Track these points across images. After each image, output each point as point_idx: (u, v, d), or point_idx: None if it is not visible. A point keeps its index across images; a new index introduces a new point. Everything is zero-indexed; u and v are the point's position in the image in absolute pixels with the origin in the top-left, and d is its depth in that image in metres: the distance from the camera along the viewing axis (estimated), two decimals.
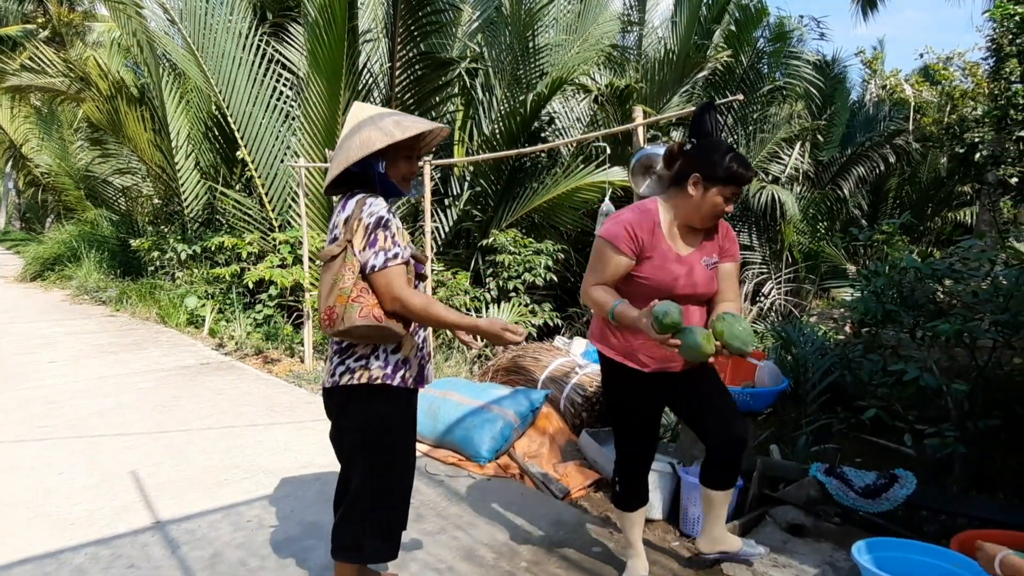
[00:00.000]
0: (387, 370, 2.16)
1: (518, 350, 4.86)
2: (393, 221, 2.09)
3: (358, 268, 2.07)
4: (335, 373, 2.19)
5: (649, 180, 3.42)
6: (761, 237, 10.61)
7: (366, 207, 2.08)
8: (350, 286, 2.04)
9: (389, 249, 2.05)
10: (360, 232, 2.06)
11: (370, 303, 2.05)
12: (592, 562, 2.93)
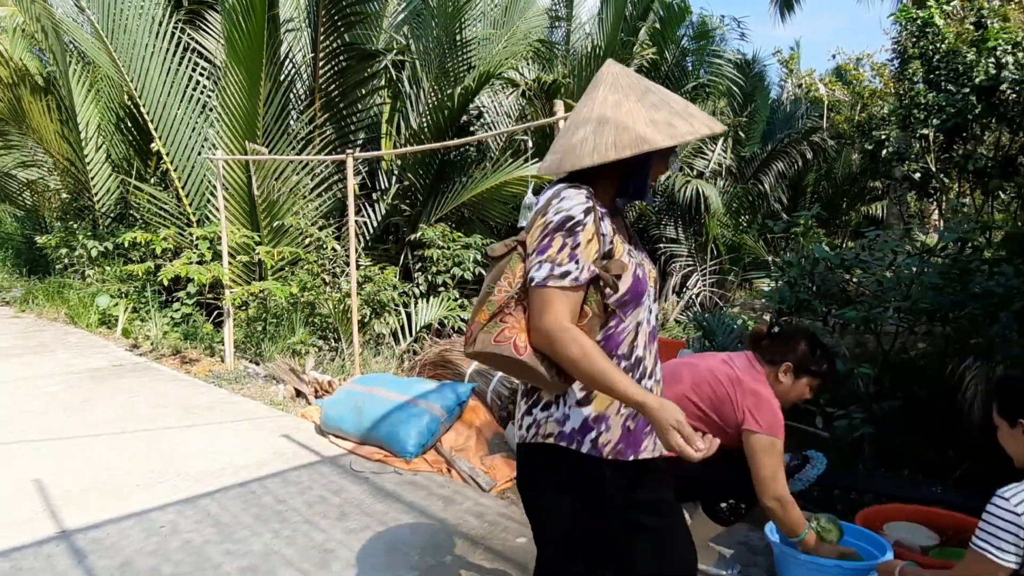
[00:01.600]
0: (565, 427, 1.58)
1: (445, 344, 4.83)
2: (586, 228, 1.50)
3: (522, 277, 1.54)
4: (522, 423, 1.67)
5: None
6: (687, 230, 10.89)
7: (557, 200, 1.53)
8: (502, 299, 1.52)
9: (560, 263, 1.48)
10: (537, 231, 1.53)
11: (517, 327, 1.51)
12: (517, 553, 2.94)
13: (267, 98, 7.15)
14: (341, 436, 4.15)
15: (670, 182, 10.21)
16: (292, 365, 5.50)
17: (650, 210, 10.37)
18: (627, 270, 1.55)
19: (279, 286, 6.06)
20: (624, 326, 1.60)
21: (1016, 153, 6.81)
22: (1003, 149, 6.99)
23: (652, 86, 1.59)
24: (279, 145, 7.25)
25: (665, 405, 1.42)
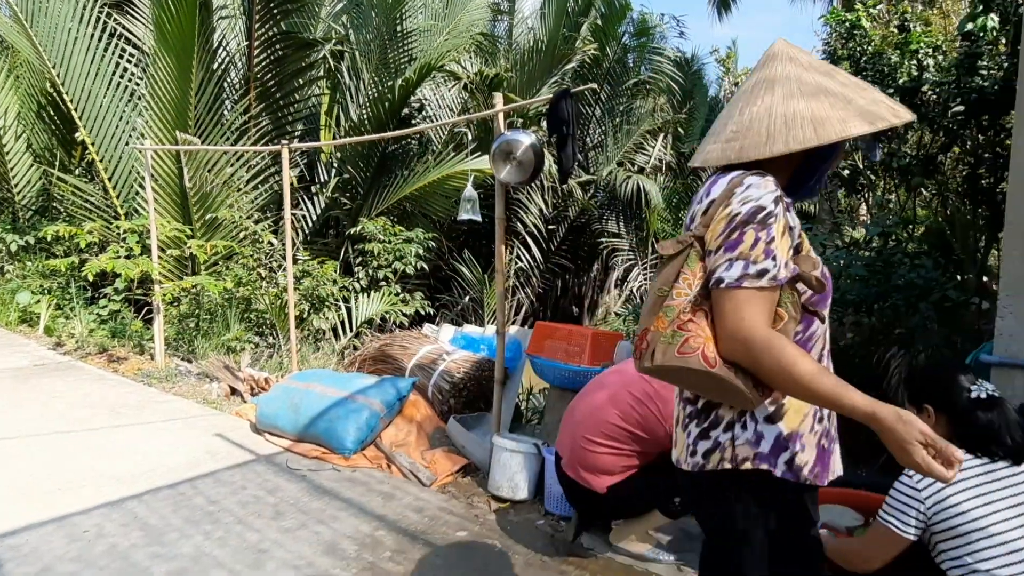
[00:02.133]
0: (760, 448, 1.37)
1: (385, 339, 4.76)
2: (779, 220, 1.31)
3: (702, 278, 1.34)
4: (695, 449, 1.42)
5: (509, 166, 3.43)
6: (628, 225, 11.04)
7: (742, 189, 1.32)
8: (683, 304, 1.32)
9: (755, 260, 1.29)
10: (721, 224, 1.32)
11: (703, 335, 1.30)
12: (457, 546, 2.92)
13: (199, 87, 6.91)
14: (277, 434, 4.05)
15: (612, 177, 10.33)
16: (227, 362, 5.34)
17: (592, 204, 10.48)
18: (819, 266, 1.37)
19: (212, 281, 5.87)
20: (815, 330, 1.42)
21: (937, 152, 7.14)
22: (925, 148, 7.31)
23: (832, 67, 1.41)
24: (212, 135, 7.02)
25: (903, 416, 1.20)
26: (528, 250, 9.54)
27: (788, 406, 1.38)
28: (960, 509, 1.81)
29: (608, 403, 2.68)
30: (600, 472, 2.68)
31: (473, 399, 4.21)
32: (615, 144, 10.98)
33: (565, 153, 3.28)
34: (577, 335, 3.58)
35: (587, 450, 2.71)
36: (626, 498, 2.68)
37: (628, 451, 2.64)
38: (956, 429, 1.93)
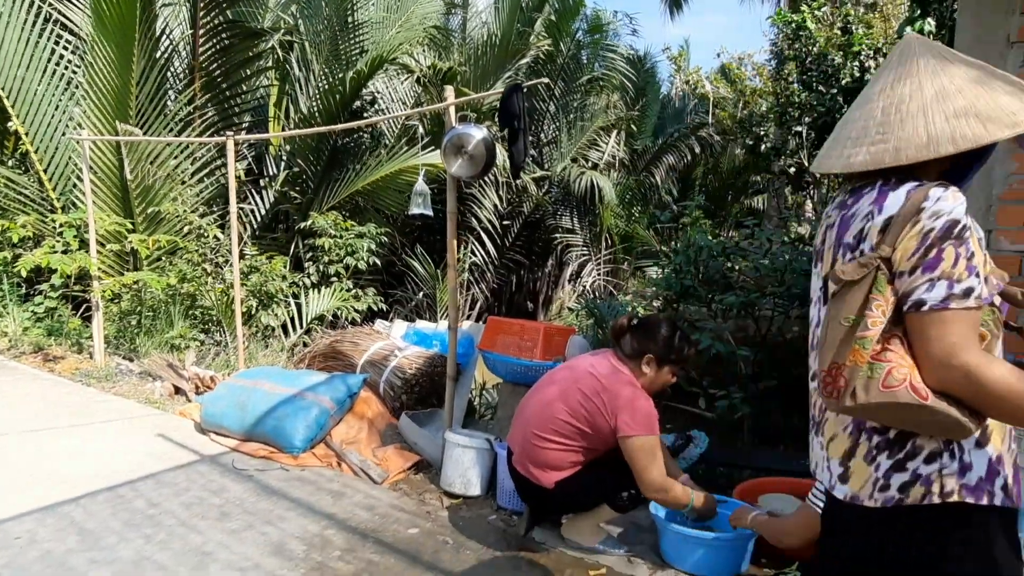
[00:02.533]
0: (970, 479, 1.23)
1: (336, 335, 4.69)
2: (973, 233, 1.22)
3: (893, 304, 1.22)
4: (888, 483, 1.26)
5: (461, 160, 3.41)
6: (582, 221, 11.11)
7: (931, 203, 1.20)
8: (876, 335, 1.20)
9: (959, 278, 1.17)
10: (913, 242, 1.20)
11: (905, 364, 1.19)
12: (408, 543, 2.89)
13: (141, 76, 6.67)
14: (223, 434, 3.95)
15: (566, 173, 10.38)
16: (171, 361, 5.18)
17: (546, 200, 10.51)
18: (1006, 277, 1.29)
19: (155, 277, 5.69)
20: (999, 345, 1.32)
21: None
22: None
23: (970, 58, 1.31)
24: (155, 126, 6.79)
25: None
26: (483, 246, 9.52)
27: (992, 427, 1.26)
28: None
29: (558, 399, 2.68)
30: (548, 468, 2.69)
31: (425, 395, 4.18)
32: (569, 140, 11.03)
33: (517, 147, 3.27)
34: (529, 330, 3.58)
35: (536, 446, 2.71)
36: (574, 493, 2.70)
37: (576, 447, 2.65)
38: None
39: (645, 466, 2.50)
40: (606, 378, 2.62)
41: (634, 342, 2.69)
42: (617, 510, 2.72)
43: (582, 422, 2.61)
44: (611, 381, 2.61)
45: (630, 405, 2.52)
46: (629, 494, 2.65)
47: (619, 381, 2.60)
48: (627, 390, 2.57)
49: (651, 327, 2.71)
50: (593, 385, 2.62)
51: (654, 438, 2.53)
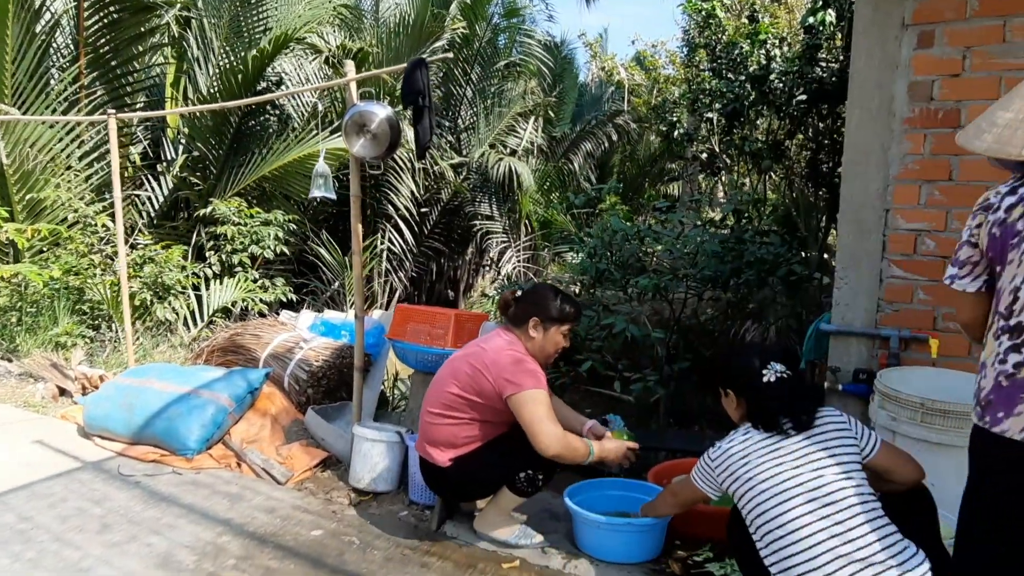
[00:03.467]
0: None
1: (237, 327, 4.42)
2: None
3: None
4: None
5: (363, 140, 3.23)
6: (501, 207, 11.02)
7: None
8: None
9: None
10: None
11: None
12: (311, 546, 2.73)
13: (18, 51, 6.12)
14: (109, 437, 3.64)
15: (484, 159, 10.25)
16: (55, 360, 4.76)
17: (465, 187, 10.35)
18: None
19: (36, 270, 5.22)
20: None
21: (784, 138, 7.59)
22: (773, 134, 7.75)
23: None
24: (35, 106, 6.24)
25: None
26: (400, 234, 9.28)
27: None
28: (746, 478, 1.98)
29: (449, 376, 2.65)
30: (442, 445, 2.62)
31: (334, 388, 3.99)
32: (487, 126, 10.90)
33: (422, 126, 3.12)
34: (440, 317, 3.45)
35: (429, 424, 2.66)
36: (471, 472, 2.62)
37: (467, 419, 2.60)
38: (751, 409, 2.09)
39: (536, 420, 2.43)
40: (491, 350, 2.61)
41: (519, 310, 2.69)
42: (518, 494, 2.64)
43: (469, 392, 2.57)
44: (495, 348, 2.61)
45: (513, 365, 2.52)
46: (527, 475, 2.58)
47: (503, 347, 2.60)
48: (510, 354, 2.57)
49: (533, 293, 2.74)
50: (478, 354, 2.61)
51: (541, 391, 2.49)
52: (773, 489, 1.91)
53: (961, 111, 2.85)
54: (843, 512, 1.85)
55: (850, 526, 1.84)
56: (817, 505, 1.87)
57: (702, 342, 5.49)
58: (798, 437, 1.98)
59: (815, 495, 1.88)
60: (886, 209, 3.02)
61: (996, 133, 1.55)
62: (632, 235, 4.54)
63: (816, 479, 1.90)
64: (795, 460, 1.94)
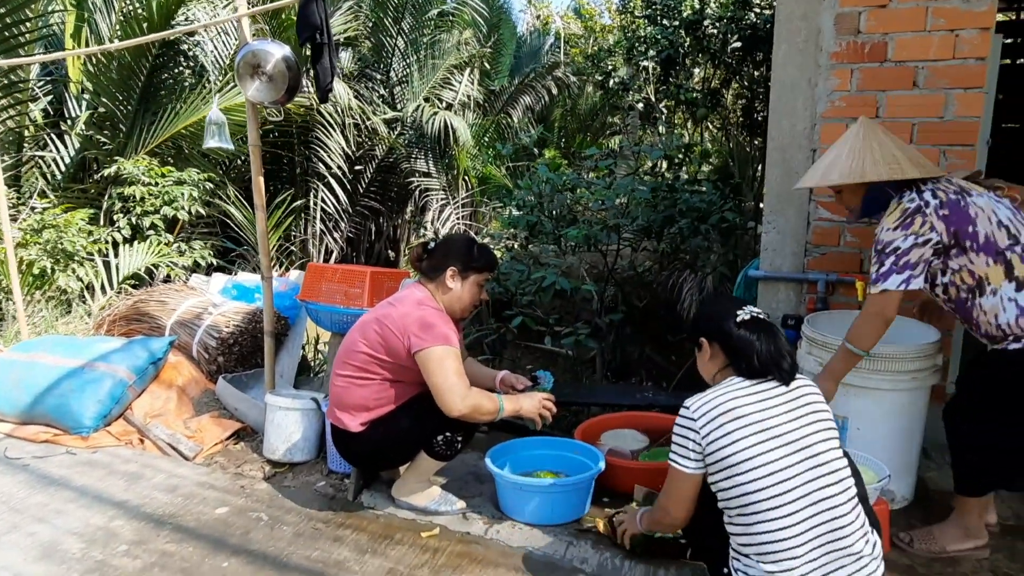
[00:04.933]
0: None
1: (140, 294, 4.10)
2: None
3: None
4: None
5: (258, 82, 2.94)
6: (439, 164, 10.70)
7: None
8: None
9: None
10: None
11: None
12: (214, 526, 2.53)
13: None
14: None
15: (418, 114, 9.89)
16: None
17: (399, 143, 9.99)
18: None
19: None
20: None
21: (719, 86, 7.48)
22: (708, 82, 7.63)
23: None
24: None
25: None
26: (333, 193, 8.91)
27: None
28: (730, 428, 1.73)
29: (358, 336, 2.47)
30: (354, 409, 2.46)
31: (247, 355, 3.75)
32: (421, 79, 10.49)
33: (322, 65, 2.85)
34: (356, 275, 3.23)
35: (340, 387, 2.48)
36: (385, 437, 2.45)
37: (376, 378, 2.43)
38: (726, 351, 1.88)
39: (442, 378, 2.28)
40: (401, 302, 2.45)
41: (435, 261, 2.52)
42: (437, 458, 2.49)
43: (378, 349, 2.41)
44: (405, 305, 2.44)
45: (422, 320, 2.36)
46: (445, 438, 2.43)
47: (413, 304, 2.44)
48: (419, 309, 2.41)
49: (448, 243, 2.58)
50: (388, 312, 2.44)
51: (449, 348, 2.33)
52: (759, 448, 1.70)
53: (888, 44, 2.74)
54: (834, 486, 1.71)
55: (837, 502, 1.70)
56: (807, 465, 1.70)
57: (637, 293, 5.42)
58: (784, 390, 1.79)
59: (810, 464, 1.71)
60: (813, 149, 2.92)
61: (840, 167, 2.15)
62: (562, 185, 4.38)
63: (809, 445, 1.73)
64: (783, 421, 1.74)
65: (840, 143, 2.28)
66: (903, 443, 2.47)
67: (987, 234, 2.03)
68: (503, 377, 2.73)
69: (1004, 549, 2.32)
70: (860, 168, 2.15)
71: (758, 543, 1.69)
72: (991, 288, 2.04)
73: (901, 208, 2.08)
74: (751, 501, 1.69)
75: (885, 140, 2.20)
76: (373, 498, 2.72)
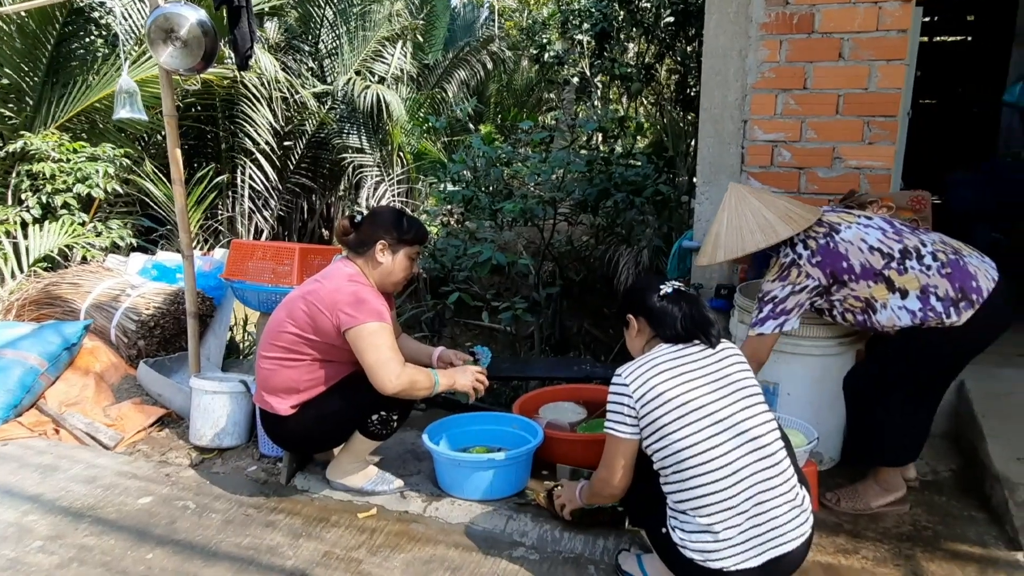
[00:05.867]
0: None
1: (52, 277, 3.86)
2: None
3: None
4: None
5: (171, 48, 2.77)
6: (372, 139, 10.45)
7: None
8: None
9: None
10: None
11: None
12: (137, 517, 2.41)
13: None
14: None
15: (350, 87, 9.60)
16: None
17: (331, 118, 9.68)
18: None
19: None
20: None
21: (653, 61, 7.52)
22: (642, 56, 7.66)
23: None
24: None
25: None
26: (261, 169, 8.59)
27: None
28: (661, 389, 1.76)
29: (285, 316, 2.37)
30: (283, 392, 2.36)
31: (171, 338, 3.57)
32: (352, 51, 10.18)
33: (240, 31, 2.70)
34: (284, 252, 3.11)
35: (266, 370, 2.38)
36: (317, 420, 2.38)
37: (305, 359, 2.35)
38: (651, 323, 1.92)
39: (374, 355, 2.20)
40: (329, 279, 2.36)
41: (363, 235, 2.42)
42: (372, 438, 2.44)
43: (306, 329, 2.31)
44: (332, 279, 2.35)
45: (353, 297, 2.27)
46: (380, 416, 2.37)
47: (340, 277, 2.35)
48: (350, 285, 2.32)
49: (377, 215, 2.48)
50: (315, 290, 2.34)
51: (382, 324, 2.25)
52: (690, 405, 1.74)
53: (815, 15, 2.78)
54: (764, 437, 1.75)
55: (768, 451, 1.74)
56: (738, 418, 1.75)
57: (574, 268, 5.44)
58: (710, 352, 1.84)
59: (740, 417, 1.75)
60: (744, 120, 2.95)
61: (723, 244, 2.31)
62: (497, 159, 4.32)
63: (737, 400, 1.78)
64: (710, 379, 1.79)
65: (720, 215, 2.37)
66: (831, 406, 2.55)
67: (862, 263, 2.17)
68: (440, 354, 2.68)
69: (923, 504, 2.43)
70: (739, 243, 2.29)
71: (694, 497, 1.71)
72: (880, 303, 2.18)
73: (779, 264, 2.27)
74: (685, 456, 1.72)
75: (756, 205, 2.31)
76: (307, 481, 2.64)
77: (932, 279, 2.12)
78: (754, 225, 2.27)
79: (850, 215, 2.31)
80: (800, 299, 2.21)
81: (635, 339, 1.98)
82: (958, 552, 2.17)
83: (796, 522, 1.74)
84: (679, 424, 1.73)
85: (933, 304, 2.11)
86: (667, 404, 1.75)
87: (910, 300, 2.14)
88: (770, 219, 2.26)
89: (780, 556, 1.71)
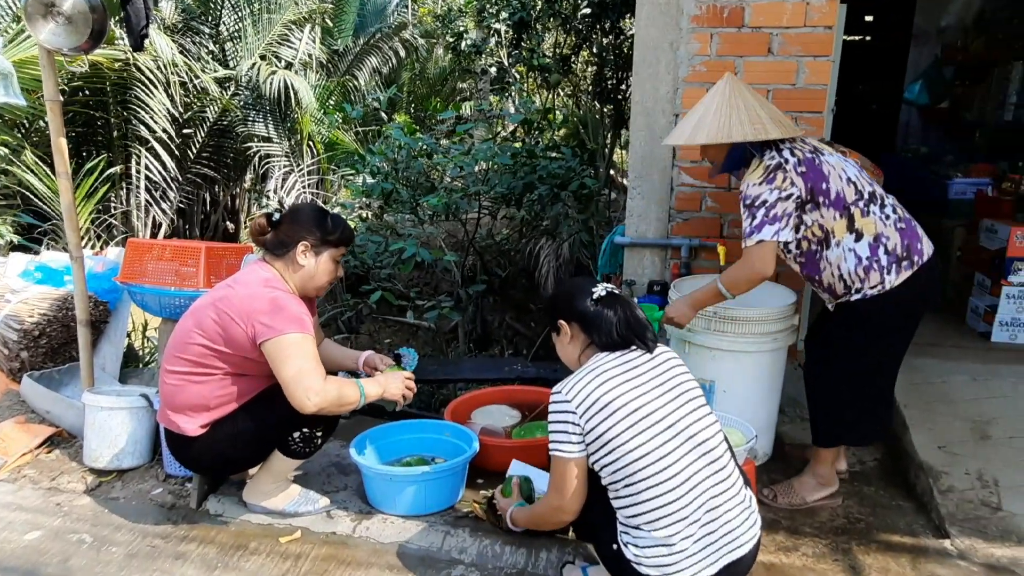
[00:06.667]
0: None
1: None
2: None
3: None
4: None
5: (53, 25, 2.45)
6: (280, 128, 9.97)
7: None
8: None
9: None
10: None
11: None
12: (24, 555, 2.13)
13: None
14: None
15: (254, 72, 9.10)
16: None
17: (234, 104, 9.16)
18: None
19: None
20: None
21: (571, 53, 7.48)
22: (560, 48, 7.62)
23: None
24: None
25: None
26: (158, 159, 8.02)
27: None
28: (606, 400, 1.66)
29: (192, 325, 2.12)
30: (191, 410, 2.13)
31: (59, 347, 3.22)
32: (256, 35, 9.66)
33: (134, 7, 2.41)
34: (189, 252, 2.84)
35: (171, 385, 2.14)
36: (230, 440, 2.15)
37: (215, 373, 2.12)
38: (585, 329, 1.82)
39: (294, 370, 1.99)
40: (242, 285, 2.14)
41: (283, 235, 2.20)
42: (294, 456, 2.24)
43: (217, 340, 2.08)
44: (246, 284, 2.13)
45: (270, 304, 2.06)
46: (303, 434, 2.18)
47: (256, 282, 2.14)
48: (266, 291, 2.10)
49: (295, 213, 2.25)
50: (227, 297, 2.11)
51: (303, 335, 2.04)
52: (638, 413, 1.66)
53: (745, 10, 2.77)
54: (711, 441, 1.70)
55: (715, 456, 1.69)
56: (684, 424, 1.69)
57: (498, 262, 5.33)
58: (648, 358, 1.76)
59: (687, 423, 1.70)
60: (675, 114, 2.92)
61: (707, 127, 2.21)
62: (418, 151, 4.14)
63: (681, 405, 1.72)
64: (654, 385, 1.72)
65: (707, 100, 2.27)
66: (765, 402, 2.56)
67: (838, 191, 2.13)
68: (367, 359, 2.50)
69: (854, 495, 2.47)
70: (727, 129, 2.17)
71: (648, 510, 1.64)
72: (835, 240, 2.15)
73: (763, 166, 2.13)
74: (638, 468, 1.64)
75: (750, 99, 2.23)
76: (221, 504, 2.41)
77: (887, 230, 2.13)
78: (745, 118, 2.16)
79: (831, 147, 2.31)
80: (787, 208, 2.10)
81: (568, 346, 1.87)
82: (891, 543, 2.21)
83: (747, 524, 1.71)
84: (629, 434, 1.65)
85: (879, 256, 2.12)
86: (615, 415, 1.66)
87: (861, 245, 2.13)
88: (763, 117, 2.17)
89: (735, 561, 1.67)
